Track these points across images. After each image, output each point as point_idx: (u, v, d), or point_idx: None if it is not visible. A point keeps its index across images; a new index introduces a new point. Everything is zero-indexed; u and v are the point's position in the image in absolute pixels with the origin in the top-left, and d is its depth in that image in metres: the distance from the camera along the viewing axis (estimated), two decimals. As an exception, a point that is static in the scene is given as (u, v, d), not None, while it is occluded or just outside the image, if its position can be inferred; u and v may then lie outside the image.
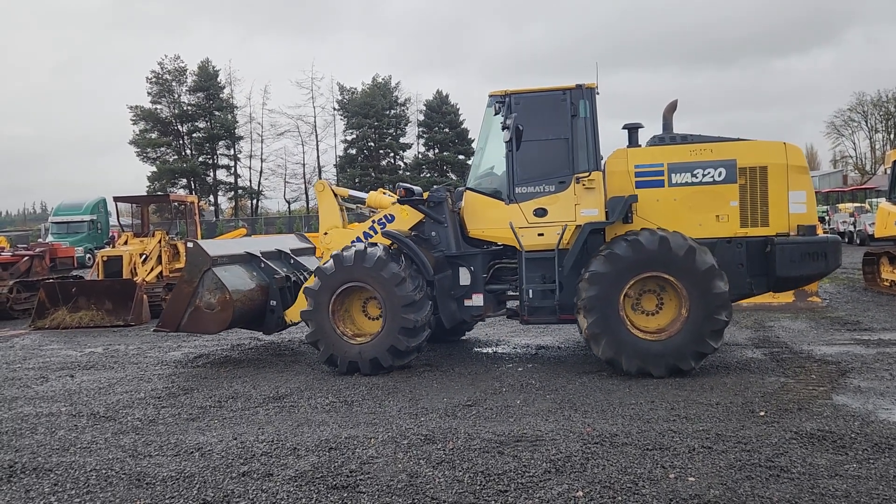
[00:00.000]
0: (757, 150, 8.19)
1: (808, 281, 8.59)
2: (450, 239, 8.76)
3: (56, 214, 39.96)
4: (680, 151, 8.29)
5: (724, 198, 8.15)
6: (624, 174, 8.33)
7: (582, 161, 8.26)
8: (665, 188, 8.24)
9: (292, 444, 5.83)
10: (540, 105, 8.39)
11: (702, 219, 8.19)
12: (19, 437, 6.35)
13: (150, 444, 5.97)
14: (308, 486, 4.89)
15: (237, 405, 7.21)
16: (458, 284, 8.84)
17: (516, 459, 5.27)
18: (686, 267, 7.56)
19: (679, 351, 7.61)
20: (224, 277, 9.02)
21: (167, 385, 8.24)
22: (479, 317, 9.02)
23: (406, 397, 7.26)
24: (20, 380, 8.90)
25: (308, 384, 8.01)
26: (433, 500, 4.58)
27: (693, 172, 8.19)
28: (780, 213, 8.11)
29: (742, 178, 8.12)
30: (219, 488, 4.90)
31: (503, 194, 8.55)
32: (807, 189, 8.18)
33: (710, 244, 8.03)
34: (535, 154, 8.40)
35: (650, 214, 8.26)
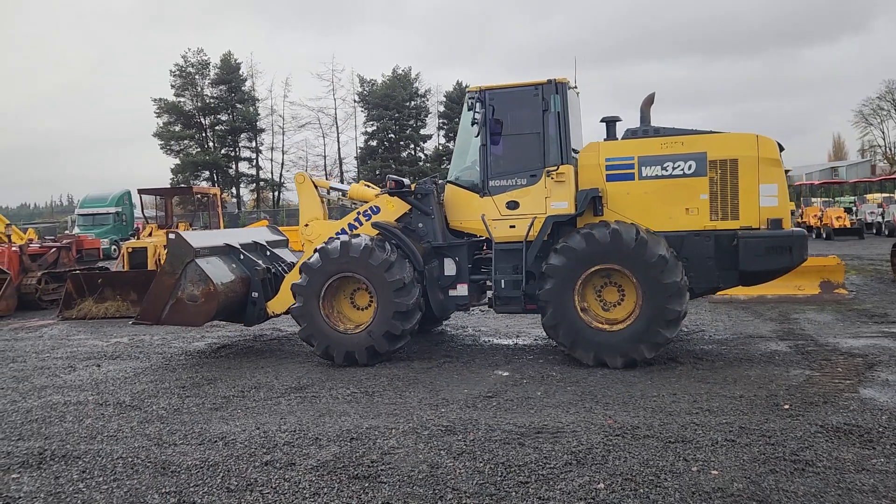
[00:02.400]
0: (728, 143, 8.12)
1: (774, 275, 8.55)
2: (436, 230, 8.86)
3: (82, 207, 40.52)
4: (651, 145, 8.30)
5: (694, 191, 8.11)
6: (595, 167, 8.39)
7: (552, 155, 8.37)
8: (635, 181, 8.26)
9: (314, 434, 5.87)
10: (513, 100, 8.52)
11: (672, 212, 8.18)
12: (48, 424, 6.47)
13: (175, 432, 6.05)
14: (330, 476, 4.93)
15: (260, 395, 7.28)
16: (444, 275, 8.96)
17: (537, 451, 5.27)
18: (637, 258, 7.65)
19: (633, 341, 7.70)
20: (207, 269, 9.00)
21: (191, 375, 8.34)
22: (464, 306, 9.15)
23: (426, 388, 7.28)
24: (49, 369, 9.06)
25: (329, 375, 8.06)
26: (454, 491, 4.60)
27: (663, 165, 8.17)
28: (750, 206, 8.00)
29: (712, 170, 8.06)
30: (242, 477, 4.96)
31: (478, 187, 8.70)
32: (778, 182, 8.05)
33: (680, 237, 8.07)
34: (508, 148, 8.57)
35: (621, 207, 8.30)
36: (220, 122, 68.26)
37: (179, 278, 9.01)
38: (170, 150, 66.53)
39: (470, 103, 8.55)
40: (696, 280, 8.10)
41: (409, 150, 72.22)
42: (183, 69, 67.13)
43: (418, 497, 4.54)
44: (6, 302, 14.99)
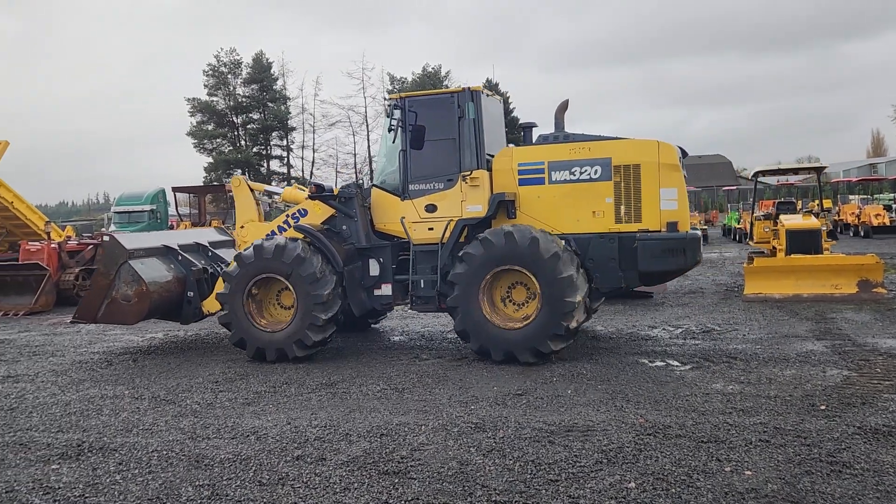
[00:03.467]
0: (631, 149, 8.39)
1: (671, 276, 8.81)
2: (359, 232, 9.13)
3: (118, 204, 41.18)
4: (560, 150, 8.57)
5: (599, 194, 8.38)
6: (509, 172, 8.68)
7: (468, 160, 8.65)
8: (545, 185, 8.56)
9: (344, 429, 5.91)
10: (431, 108, 8.82)
11: (579, 215, 8.45)
12: (86, 417, 6.61)
13: (209, 426, 6.14)
14: (360, 471, 4.96)
15: (291, 391, 7.35)
16: (369, 275, 9.20)
17: (567, 449, 5.24)
18: (532, 257, 7.95)
19: (537, 336, 7.98)
20: (140, 270, 9.30)
21: (224, 370, 8.45)
22: (388, 305, 9.37)
23: (456, 385, 7.29)
24: (86, 363, 9.26)
25: (359, 371, 8.11)
26: (483, 488, 4.59)
27: (571, 170, 8.47)
28: (652, 209, 8.26)
29: (617, 175, 8.34)
30: (274, 471, 5.02)
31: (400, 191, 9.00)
32: (678, 186, 8.30)
33: (587, 239, 8.40)
34: (426, 154, 8.79)
35: (532, 210, 8.61)
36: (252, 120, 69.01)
37: (114, 279, 9.35)
38: (203, 148, 67.46)
39: (389, 110, 8.90)
40: (601, 280, 8.41)
41: (438, 148, 72.23)
42: (216, 69, 68.00)
43: (448, 493, 4.54)
44: (45, 298, 15.35)
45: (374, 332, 10.89)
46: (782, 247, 13.64)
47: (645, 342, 9.23)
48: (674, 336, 9.62)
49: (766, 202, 28.78)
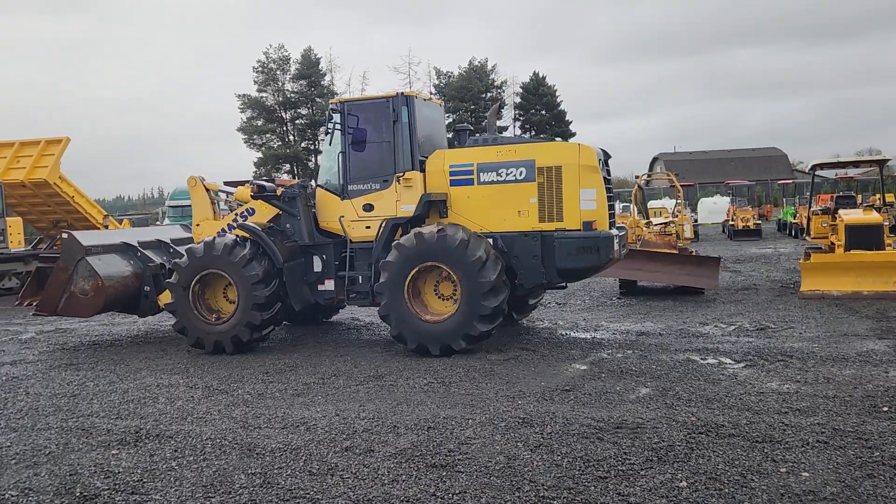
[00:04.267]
0: (553, 151, 8.77)
1: (586, 272, 9.05)
2: (303, 230, 9.51)
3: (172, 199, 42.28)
4: (488, 152, 8.93)
5: (524, 195, 8.70)
6: (441, 173, 9.02)
7: (402, 162, 9.01)
8: (475, 186, 8.90)
9: (392, 422, 5.96)
10: (368, 111, 9.23)
11: (506, 214, 8.78)
12: (143, 405, 6.82)
13: (260, 416, 6.26)
14: (408, 464, 4.99)
15: (339, 382, 7.44)
16: (312, 271, 9.56)
17: (616, 446, 5.18)
18: (458, 257, 8.33)
19: (451, 332, 8.39)
20: (97, 265, 9.73)
21: (274, 362, 8.60)
22: (332, 300, 9.64)
23: (503, 380, 7.27)
24: (143, 353, 9.54)
25: (406, 365, 8.16)
26: (531, 483, 4.57)
27: (498, 172, 8.80)
28: (572, 209, 8.56)
29: (540, 176, 8.65)
30: (323, 461, 5.09)
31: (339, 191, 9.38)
32: (597, 187, 8.59)
33: (512, 237, 8.72)
34: (364, 155, 9.23)
35: (462, 210, 8.96)
36: (300, 115, 69.95)
37: (72, 274, 9.76)
38: (252, 143, 68.68)
39: (328, 114, 9.33)
40: (525, 276, 8.75)
41: (484, 142, 72.09)
42: (265, 65, 69.09)
43: (495, 488, 4.54)
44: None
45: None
46: (841, 242, 13.19)
47: (696, 339, 9.05)
48: (726, 333, 9.42)
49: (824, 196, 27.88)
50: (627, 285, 13.44)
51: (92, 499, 4.55)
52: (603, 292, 13.83)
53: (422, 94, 9.48)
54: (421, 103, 9.36)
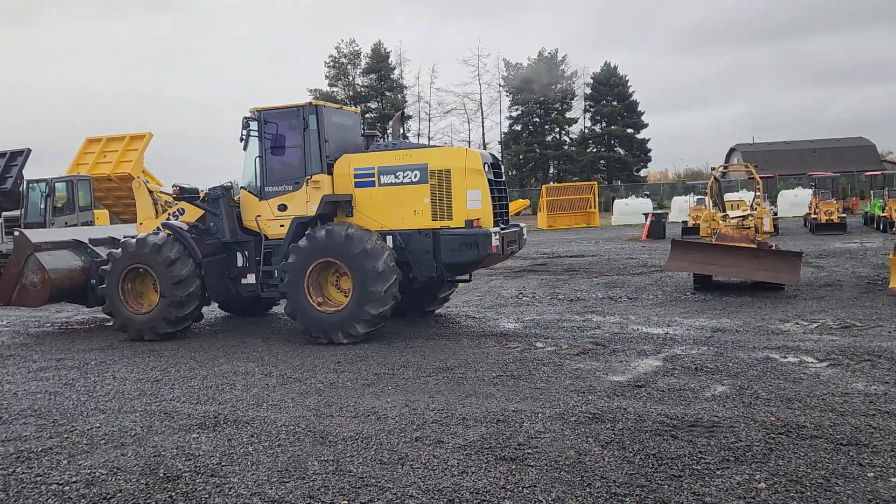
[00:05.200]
0: (443, 156, 9.61)
1: (468, 266, 9.72)
2: (225, 228, 10.26)
3: (245, 192, 43.64)
4: (388, 157, 9.74)
5: (419, 196, 9.46)
6: (346, 176, 9.78)
7: (311, 165, 9.74)
8: (376, 188, 9.67)
9: (461, 413, 5.98)
10: (281, 119, 9.95)
11: (403, 213, 9.53)
12: (221, 391, 7.06)
13: (332, 405, 6.40)
14: (477, 456, 5.00)
15: (408, 374, 7.52)
16: (236, 265, 10.34)
17: (691, 445, 5.05)
18: (346, 251, 9.09)
19: (346, 321, 9.14)
20: (45, 261, 10.71)
21: (345, 352, 8.76)
22: (253, 292, 10.27)
23: (572, 374, 7.19)
24: (221, 341, 9.88)
25: (475, 357, 8.17)
26: (602, 480, 4.51)
27: (396, 174, 9.58)
28: (460, 208, 9.33)
29: (432, 179, 9.41)
30: (394, 451, 5.15)
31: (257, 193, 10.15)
32: (481, 188, 9.40)
33: (408, 235, 9.46)
34: (278, 159, 10.02)
35: (366, 210, 9.73)
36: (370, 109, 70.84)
37: (23, 268, 10.75)
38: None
39: (245, 122, 10.01)
40: (419, 270, 9.51)
41: (553, 134, 71.32)
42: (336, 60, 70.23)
43: (566, 483, 4.50)
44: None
45: (488, 318, 10.93)
46: (934, 236, 12.45)
47: (775, 336, 8.72)
48: (808, 331, 9.04)
49: (916, 188, 26.36)
50: (702, 280, 13.06)
51: (174, 480, 4.75)
52: (676, 287, 13.50)
53: (331, 105, 10.30)
54: (330, 111, 10.10)
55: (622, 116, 68.63)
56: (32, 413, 6.51)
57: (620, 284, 14.22)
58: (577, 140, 69.89)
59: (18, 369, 8.50)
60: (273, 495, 4.45)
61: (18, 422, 6.25)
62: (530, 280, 15.73)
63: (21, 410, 6.62)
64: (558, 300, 12.51)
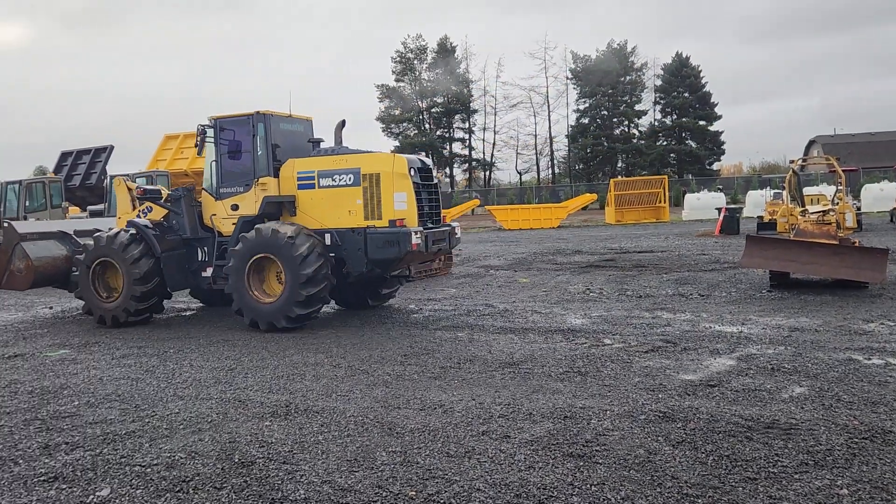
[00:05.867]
0: (373, 161, 10.39)
1: (391, 262, 10.44)
2: (185, 226, 11.22)
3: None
4: (327, 161, 10.58)
5: (352, 197, 10.30)
6: (291, 179, 10.64)
7: (260, 169, 10.64)
8: (316, 189, 10.52)
9: (527, 409, 5.95)
10: (234, 126, 10.82)
11: (340, 213, 10.35)
12: (292, 381, 7.24)
13: (399, 397, 6.47)
14: (544, 451, 4.97)
15: (475, 368, 7.53)
16: (196, 259, 11.30)
17: (767, 447, 4.88)
18: (275, 245, 9.95)
19: (276, 313, 9.99)
20: (30, 249, 11.93)
21: (411, 345, 8.85)
22: (210, 285, 11.19)
23: (641, 372, 7.06)
24: (291, 332, 10.11)
25: (542, 352, 8.12)
26: (673, 480, 4.42)
27: (333, 177, 10.43)
28: (389, 209, 10.13)
29: (364, 182, 10.26)
30: (460, 444, 5.17)
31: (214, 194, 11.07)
32: (407, 191, 10.23)
33: (343, 233, 10.28)
34: (231, 163, 10.89)
35: (307, 210, 10.58)
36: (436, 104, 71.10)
37: (11, 256, 11.98)
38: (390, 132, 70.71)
39: (201, 129, 10.88)
40: (351, 266, 10.34)
41: (622, 127, 70.03)
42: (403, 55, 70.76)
43: (635, 481, 4.42)
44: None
45: (555, 314, 10.84)
46: None
47: (858, 337, 8.34)
48: (894, 332, 8.60)
49: None
50: (779, 277, 12.58)
51: (249, 465, 4.90)
52: (751, 284, 13.06)
53: (280, 113, 11.01)
54: (279, 119, 10.92)
55: (694, 108, 66.79)
56: (116, 398, 6.84)
57: (691, 281, 13.86)
58: (647, 133, 68.43)
59: (103, 356, 8.93)
60: (343, 483, 4.54)
61: (104, 405, 6.58)
62: (597, 276, 15.51)
63: (106, 395, 6.96)
64: (626, 296, 12.30)
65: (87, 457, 5.20)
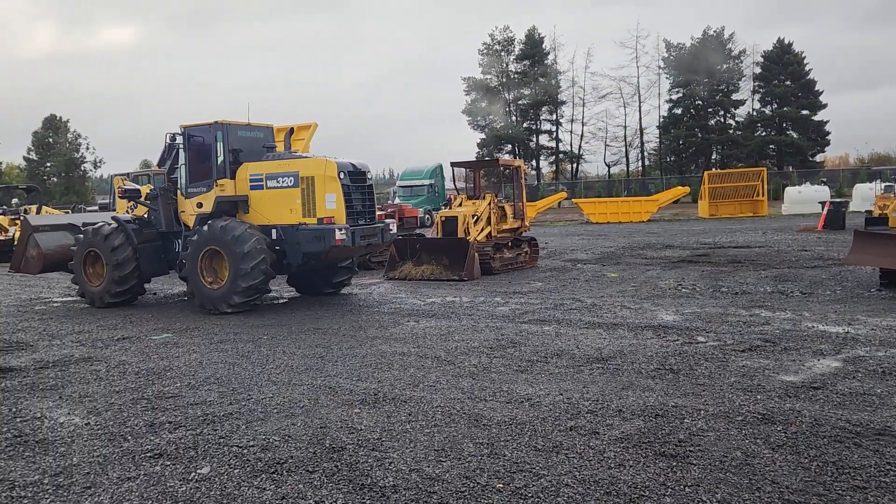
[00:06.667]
0: (309, 165, 11.88)
1: (319, 255, 11.90)
2: (161, 221, 12.90)
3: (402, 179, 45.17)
4: (273, 165, 12.13)
5: (293, 197, 11.83)
6: (244, 180, 12.26)
7: (218, 171, 12.25)
8: (264, 190, 12.13)
9: (617, 405, 5.82)
10: (200, 134, 12.45)
11: (284, 212, 11.92)
12: (380, 370, 7.36)
13: (485, 389, 6.46)
14: (635, 450, 4.84)
15: (562, 362, 7.43)
16: (173, 250, 12.99)
17: (878, 455, 4.58)
18: (222, 239, 11.55)
19: (219, 299, 11.58)
20: (41, 239, 14.20)
21: (497, 337, 8.82)
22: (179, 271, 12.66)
23: (738, 372, 6.77)
24: (378, 322, 10.30)
25: (632, 348, 7.92)
26: (773, 485, 4.21)
27: (277, 180, 12.01)
28: (321, 208, 11.68)
29: (302, 184, 11.77)
30: (548, 438, 5.11)
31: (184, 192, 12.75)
32: (336, 193, 11.75)
33: (286, 228, 11.84)
34: (197, 167, 12.52)
35: (257, 208, 12.20)
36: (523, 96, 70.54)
37: (26, 245, 14.34)
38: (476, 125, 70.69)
39: (171, 136, 12.64)
40: (290, 257, 11.94)
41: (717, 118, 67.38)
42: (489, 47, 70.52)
43: (732, 484, 4.24)
44: (345, 262, 17.37)
45: (645, 309, 10.56)
46: None
47: None
48: None
49: None
50: (890, 276, 11.78)
51: (339, 451, 5.02)
52: (858, 282, 12.31)
53: (238, 122, 12.50)
54: (237, 128, 12.50)
55: (796, 97, 63.53)
56: (215, 381, 7.15)
57: (792, 278, 13.19)
58: (744, 123, 65.56)
59: (202, 341, 9.36)
60: (430, 473, 4.57)
61: (203, 388, 6.89)
62: (690, 271, 15.00)
63: (205, 378, 7.28)
64: (721, 293, 11.83)
65: (189, 436, 5.46)
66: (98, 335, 10.05)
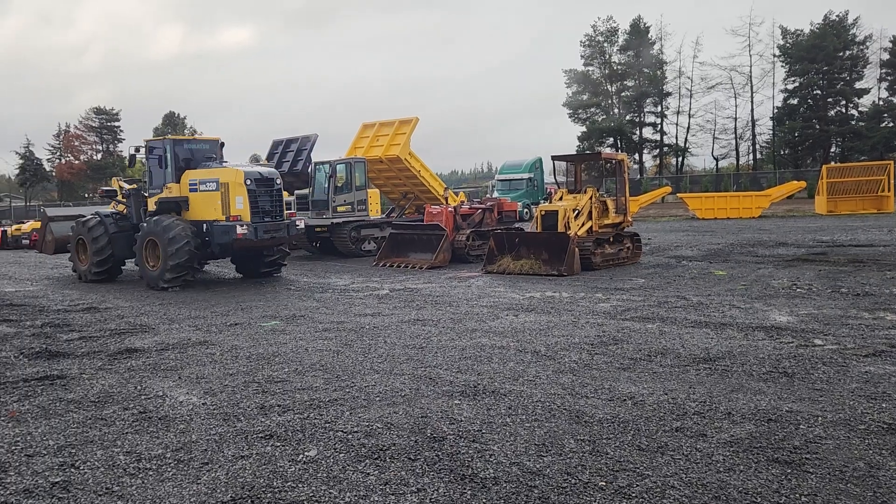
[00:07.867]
0: (226, 173, 14.88)
1: (228, 246, 14.88)
2: (133, 216, 16.24)
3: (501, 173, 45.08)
4: (204, 173, 15.19)
5: (216, 199, 14.88)
6: (185, 185, 15.30)
7: (168, 177, 15.48)
8: (198, 192, 15.16)
9: (725, 408, 5.60)
10: (157, 146, 15.82)
11: (210, 210, 14.94)
12: (479, 362, 7.39)
13: (586, 386, 6.36)
14: (745, 454, 4.64)
15: (666, 361, 7.21)
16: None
17: None
18: (157, 231, 14.68)
19: (161, 273, 14.56)
20: (54, 228, 21.14)
21: (598, 334, 8.66)
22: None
23: (861, 378, 6.34)
24: (477, 315, 10.34)
25: (741, 350, 7.58)
26: (901, 500, 3.92)
27: (206, 184, 15.04)
28: (233, 208, 14.72)
29: (221, 188, 14.82)
30: (652, 438, 4.98)
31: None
32: (243, 196, 14.77)
33: (211, 224, 14.78)
34: (156, 172, 15.83)
35: (194, 207, 15.22)
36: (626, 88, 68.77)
37: (44, 231, 20.67)
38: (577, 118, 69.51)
39: (135, 148, 16.05)
40: (212, 247, 14.86)
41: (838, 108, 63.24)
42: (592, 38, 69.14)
43: (854, 497, 3.99)
44: (443, 255, 17.55)
45: (756, 309, 10.07)
46: None
47: None
48: None
49: None
50: None
51: (440, 441, 5.08)
52: None
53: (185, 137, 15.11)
54: (184, 141, 15.97)
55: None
56: (320, 367, 7.40)
57: (922, 279, 12.22)
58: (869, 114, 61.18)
59: (307, 329, 9.71)
60: (531, 467, 4.56)
61: (310, 374, 7.15)
62: (805, 270, 14.18)
63: (311, 364, 7.56)
64: (840, 294, 11.12)
65: (297, 419, 5.68)
66: (212, 321, 10.62)
